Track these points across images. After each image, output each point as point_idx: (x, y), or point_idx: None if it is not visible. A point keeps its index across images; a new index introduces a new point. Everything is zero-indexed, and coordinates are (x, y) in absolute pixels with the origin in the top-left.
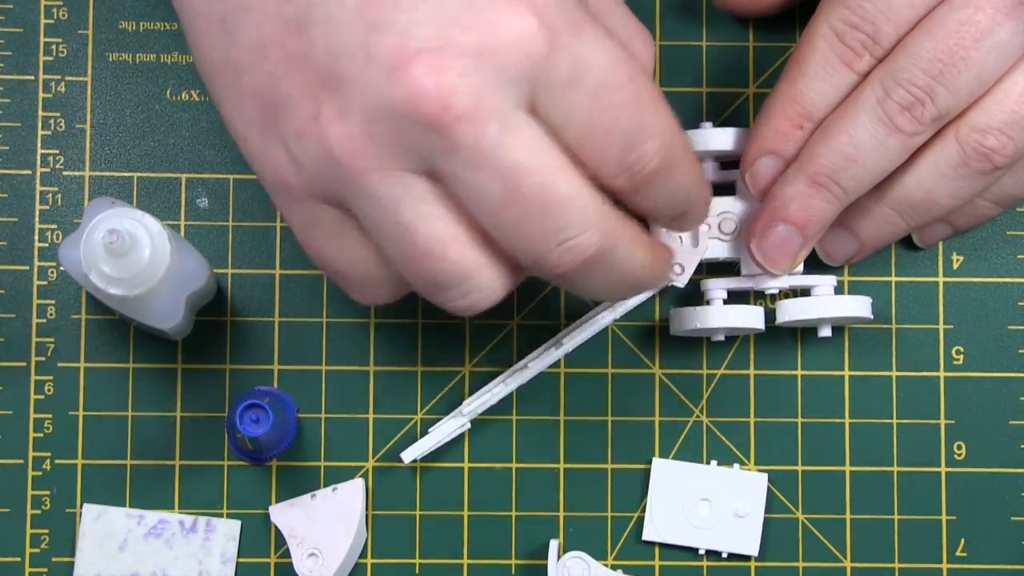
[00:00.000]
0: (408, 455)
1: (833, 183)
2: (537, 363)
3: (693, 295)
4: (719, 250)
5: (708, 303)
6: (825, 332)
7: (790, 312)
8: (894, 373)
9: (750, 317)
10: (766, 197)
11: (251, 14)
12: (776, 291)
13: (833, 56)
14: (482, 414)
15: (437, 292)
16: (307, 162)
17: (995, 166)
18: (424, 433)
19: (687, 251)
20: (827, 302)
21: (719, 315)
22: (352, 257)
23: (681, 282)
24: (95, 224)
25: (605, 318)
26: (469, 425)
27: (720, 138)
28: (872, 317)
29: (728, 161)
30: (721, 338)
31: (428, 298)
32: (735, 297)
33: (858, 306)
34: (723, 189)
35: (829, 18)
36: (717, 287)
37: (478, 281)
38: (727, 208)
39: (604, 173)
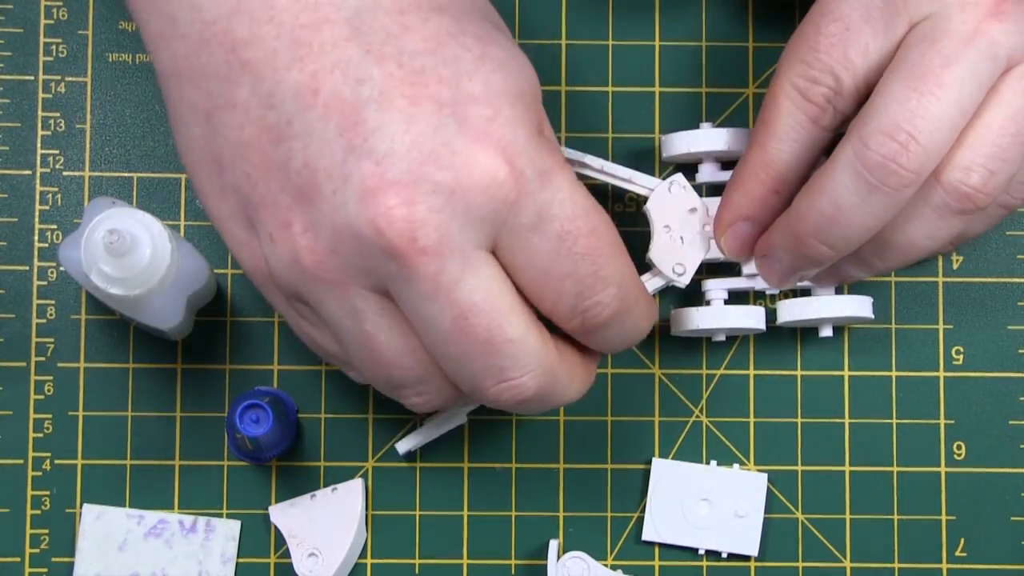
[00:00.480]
0: (403, 446)
1: (818, 242)
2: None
3: (693, 295)
4: (719, 251)
5: (708, 303)
6: (826, 332)
7: (790, 312)
8: (894, 373)
9: (750, 317)
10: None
11: (235, 114)
12: (776, 291)
13: (800, 114)
14: (481, 412)
15: (394, 391)
16: (276, 265)
17: (976, 206)
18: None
19: (688, 251)
20: (828, 302)
21: (719, 315)
22: (333, 345)
23: (682, 283)
24: (95, 224)
25: None
26: (465, 419)
27: (720, 138)
28: (873, 317)
29: (728, 161)
30: (722, 338)
31: (384, 393)
32: (736, 298)
33: (859, 306)
34: (717, 190)
35: (790, 75)
36: (717, 287)
37: (431, 385)
38: None
39: (557, 316)
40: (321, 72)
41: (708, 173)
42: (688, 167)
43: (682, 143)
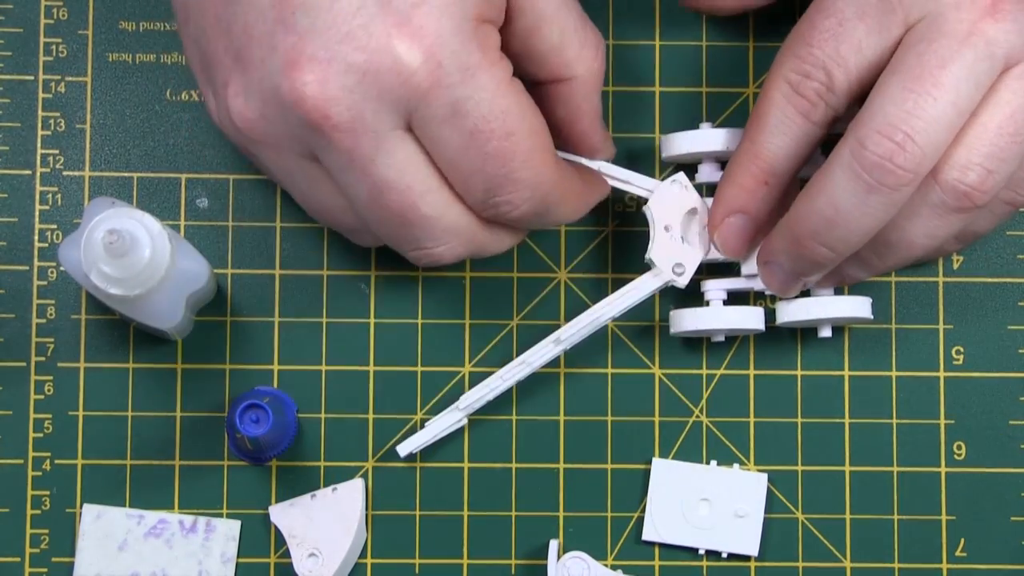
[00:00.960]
0: (404, 448)
1: (818, 245)
2: (536, 359)
3: (693, 295)
4: (715, 247)
5: (707, 304)
6: (825, 332)
7: (790, 312)
8: (894, 373)
9: (749, 318)
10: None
11: (193, 12)
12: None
13: (790, 108)
14: (481, 413)
15: (345, 234)
16: (221, 121)
17: (975, 204)
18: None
19: (688, 252)
20: (827, 302)
21: (718, 316)
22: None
23: (681, 283)
24: (95, 224)
25: (605, 315)
26: (465, 420)
27: (719, 139)
28: (872, 317)
29: (727, 161)
30: (721, 338)
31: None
32: (735, 298)
33: (858, 307)
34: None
35: (783, 70)
36: (716, 288)
37: (366, 234)
38: None
39: (469, 204)
40: None
41: (707, 173)
42: (687, 167)
43: (682, 143)
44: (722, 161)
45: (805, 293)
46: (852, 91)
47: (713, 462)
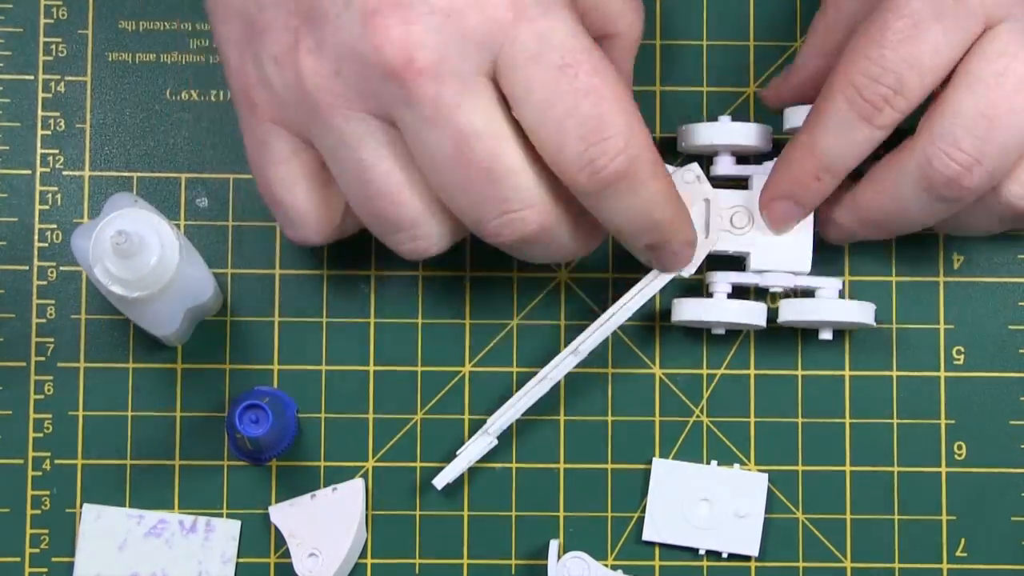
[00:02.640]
0: (440, 481)
1: (883, 228)
2: (556, 373)
3: (697, 286)
4: (729, 243)
5: (711, 295)
6: (826, 335)
7: (793, 312)
8: (894, 373)
9: (752, 313)
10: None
11: None
12: (780, 289)
13: (852, 112)
14: (483, 413)
15: (387, 233)
16: (279, 87)
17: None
18: (424, 433)
19: (699, 241)
20: (830, 305)
21: (720, 308)
22: (292, 187)
23: (688, 272)
24: (109, 220)
25: (620, 318)
26: (496, 442)
27: (737, 132)
28: (875, 324)
29: (744, 156)
30: (721, 331)
31: (379, 238)
32: (739, 292)
33: (861, 312)
34: (731, 183)
35: (849, 71)
36: (722, 280)
37: (426, 229)
38: (740, 203)
39: (563, 164)
40: None
41: (724, 166)
42: (701, 160)
43: (700, 134)
44: (738, 155)
45: (809, 293)
46: (925, 94)
47: (713, 462)
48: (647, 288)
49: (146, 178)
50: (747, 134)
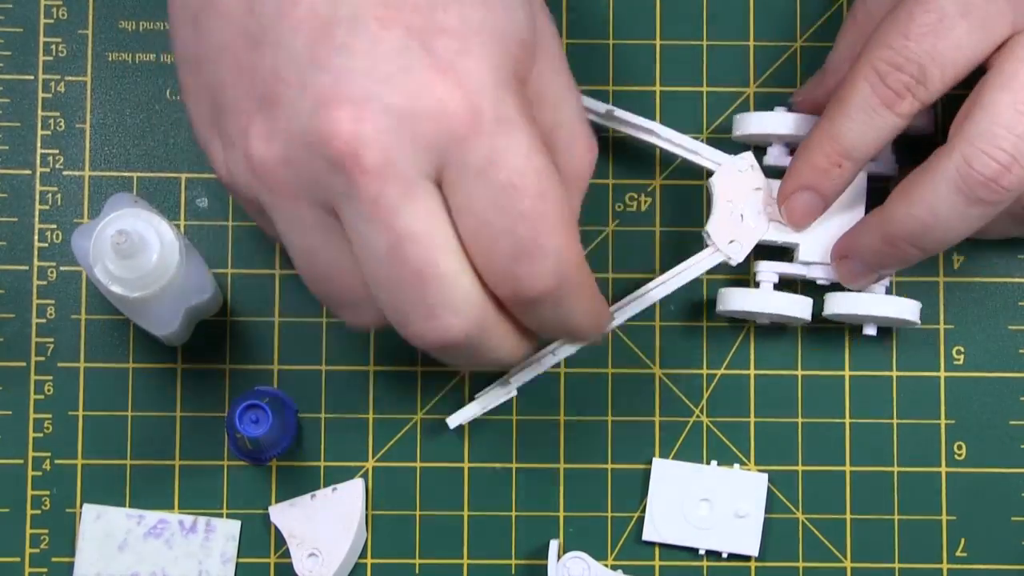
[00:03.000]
0: (453, 420)
1: (910, 245)
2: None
3: (742, 281)
4: (778, 234)
5: (758, 285)
6: (870, 331)
7: (839, 305)
8: (894, 373)
9: (797, 306)
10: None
11: (219, 17)
12: (827, 282)
13: (875, 98)
14: (483, 413)
15: (332, 307)
16: (234, 169)
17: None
18: (424, 433)
19: (747, 229)
20: (878, 300)
21: (767, 299)
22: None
23: (736, 259)
24: (110, 220)
25: (659, 293)
26: (516, 393)
27: (791, 122)
28: (919, 323)
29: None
30: (766, 322)
31: (329, 310)
32: (785, 285)
33: (908, 309)
34: (783, 174)
35: (872, 58)
36: (769, 270)
37: (368, 309)
38: None
39: (490, 276)
40: None
41: (776, 156)
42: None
43: (753, 123)
44: (792, 146)
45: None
46: (946, 88)
47: (713, 462)
48: (695, 263)
49: (146, 178)
50: (800, 125)
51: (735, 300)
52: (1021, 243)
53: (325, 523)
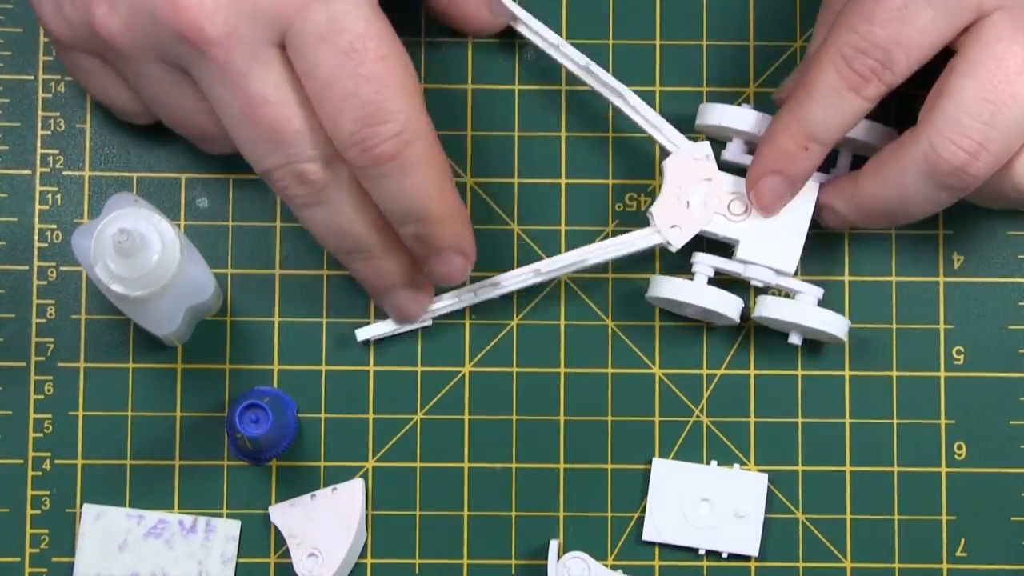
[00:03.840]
0: (362, 334)
1: (880, 218)
2: (511, 283)
3: (682, 270)
4: (721, 227)
5: (692, 276)
6: (795, 340)
7: (769, 309)
8: (894, 373)
9: (726, 303)
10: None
11: None
12: (761, 283)
13: (840, 82)
14: (482, 412)
15: (192, 141)
16: (76, 25)
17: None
18: (424, 433)
19: (691, 217)
20: (807, 310)
21: (697, 292)
22: (113, 94)
23: (675, 244)
24: (110, 220)
25: (591, 259)
26: (430, 322)
27: (752, 120)
28: (845, 340)
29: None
30: (694, 314)
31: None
32: (721, 279)
33: (836, 323)
34: (737, 170)
35: (838, 43)
36: (706, 263)
37: (225, 142)
38: (740, 190)
39: (338, 139)
40: None
41: (734, 152)
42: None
43: (714, 115)
44: (751, 144)
45: (786, 295)
46: (912, 71)
47: (713, 462)
48: (630, 240)
49: (146, 178)
50: (761, 123)
51: (665, 288)
52: (1021, 243)
53: (325, 523)
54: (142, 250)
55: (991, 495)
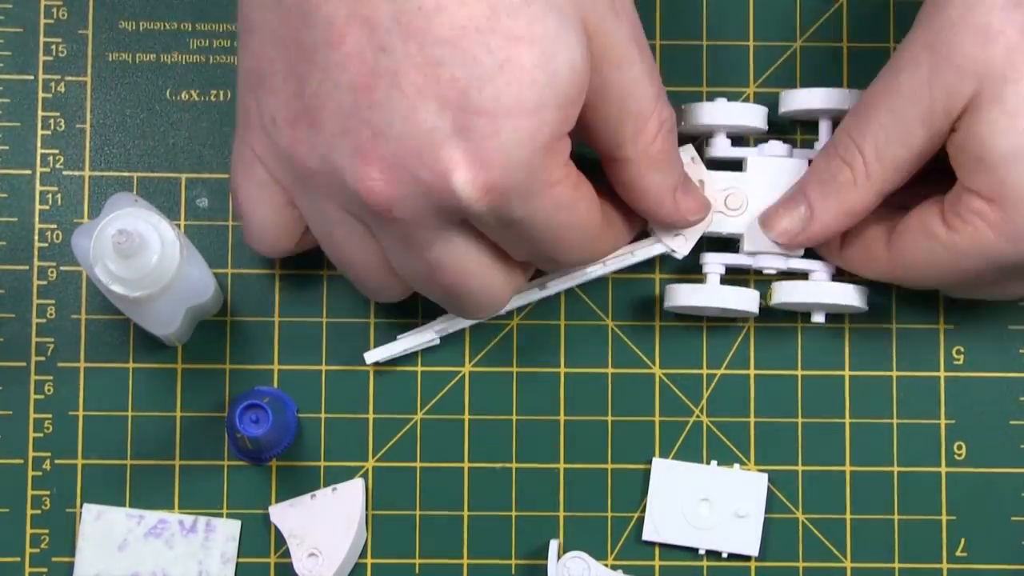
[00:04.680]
0: (371, 356)
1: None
2: (516, 299)
3: (692, 270)
4: (722, 225)
5: (705, 278)
6: (818, 318)
7: (786, 293)
8: (894, 373)
9: (744, 299)
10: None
11: (278, 12)
12: (774, 271)
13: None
14: (482, 412)
15: (351, 281)
16: (274, 140)
17: None
18: (424, 433)
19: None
20: (823, 287)
21: (714, 294)
22: (260, 206)
23: (681, 252)
24: (110, 220)
25: (595, 271)
26: (438, 341)
27: (733, 112)
28: (866, 308)
29: (740, 137)
30: (713, 314)
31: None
32: (733, 275)
33: (854, 294)
34: (731, 165)
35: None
36: (715, 262)
37: (389, 292)
38: (734, 184)
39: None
40: (352, 22)
41: (719, 148)
42: (698, 141)
43: (696, 114)
44: (734, 136)
45: (803, 276)
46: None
47: (713, 462)
48: (635, 249)
49: (146, 178)
50: (743, 114)
51: (683, 296)
52: None
53: (325, 523)
54: (142, 251)
55: (991, 495)
